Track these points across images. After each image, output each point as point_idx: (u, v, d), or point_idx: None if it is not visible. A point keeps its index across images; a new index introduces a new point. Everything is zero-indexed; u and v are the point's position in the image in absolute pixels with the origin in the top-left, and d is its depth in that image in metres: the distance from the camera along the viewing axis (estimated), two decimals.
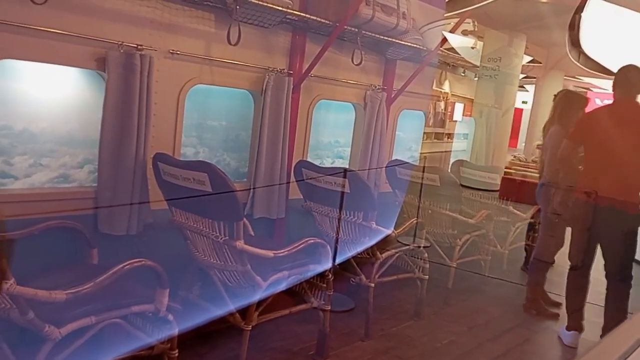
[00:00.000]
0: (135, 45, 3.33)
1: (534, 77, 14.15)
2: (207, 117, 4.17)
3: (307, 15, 4.09)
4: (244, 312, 3.17)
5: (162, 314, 2.70)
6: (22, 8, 2.86)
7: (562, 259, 4.75)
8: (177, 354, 2.75)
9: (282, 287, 3.35)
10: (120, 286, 2.63)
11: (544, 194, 4.78)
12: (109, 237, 3.34)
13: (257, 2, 3.62)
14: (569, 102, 4.79)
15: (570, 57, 10.56)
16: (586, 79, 15.91)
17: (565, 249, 4.59)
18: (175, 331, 2.74)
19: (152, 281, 2.67)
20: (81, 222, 3.14)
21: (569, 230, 4.71)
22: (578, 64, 11.41)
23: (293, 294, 3.57)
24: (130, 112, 3.30)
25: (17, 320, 2.26)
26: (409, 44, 4.95)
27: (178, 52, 3.62)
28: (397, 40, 4.81)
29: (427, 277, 4.45)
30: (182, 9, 3.61)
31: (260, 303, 3.20)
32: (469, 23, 6.68)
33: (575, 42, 10.36)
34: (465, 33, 7.34)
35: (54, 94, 3.29)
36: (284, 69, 4.30)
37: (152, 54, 3.39)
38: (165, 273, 2.66)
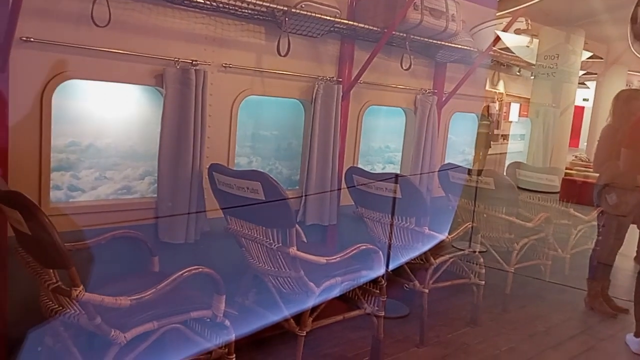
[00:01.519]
0: (191, 61, 3.46)
1: (595, 74, 13.57)
2: (260, 127, 4.27)
3: (355, 23, 4.12)
4: (298, 318, 3.22)
5: (220, 320, 2.78)
6: (86, 31, 3.04)
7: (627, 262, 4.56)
8: (234, 359, 2.83)
9: (335, 293, 3.38)
10: (179, 293, 2.74)
11: (599, 195, 4.61)
12: (168, 246, 3.48)
13: (305, 13, 3.69)
14: (624, 101, 4.59)
15: (633, 50, 10.06)
16: None
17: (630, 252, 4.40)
18: (232, 336, 2.81)
19: (210, 288, 2.76)
20: (143, 232, 3.30)
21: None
22: None
23: (346, 300, 3.59)
24: (186, 125, 3.44)
25: (86, 326, 2.40)
26: (459, 46, 4.88)
27: (230, 66, 3.73)
28: (446, 43, 4.76)
29: (484, 282, 4.36)
30: (233, 23, 3.73)
31: (314, 309, 3.24)
32: (522, 21, 6.50)
33: (638, 35, 9.86)
34: (518, 32, 7.15)
35: (117, 111, 3.48)
36: (333, 77, 4.35)
37: (206, 68, 3.52)
38: (222, 280, 2.74)
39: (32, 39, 2.87)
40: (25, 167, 2.97)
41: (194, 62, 3.47)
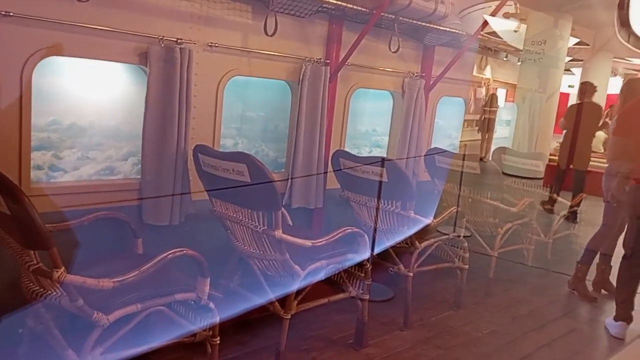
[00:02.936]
0: (175, 40, 3.39)
1: (581, 60, 13.64)
2: (246, 108, 4.22)
3: (343, 4, 4.06)
4: (284, 300, 3.22)
5: (204, 302, 2.77)
6: (68, 6, 2.95)
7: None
8: (218, 341, 2.83)
9: (321, 276, 3.38)
10: (163, 275, 2.72)
11: (605, 182, 4.65)
12: (152, 228, 3.44)
13: None
14: (632, 90, 4.62)
15: (620, 37, 10.11)
16: (636, 61, 15.22)
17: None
18: (216, 319, 2.81)
19: (194, 270, 2.74)
20: (126, 213, 3.26)
21: None
22: (628, 44, 10.91)
23: (332, 284, 3.59)
24: (171, 105, 3.38)
25: (68, 307, 2.37)
26: (448, 29, 4.85)
27: (216, 45, 3.66)
28: (435, 26, 4.72)
29: (467, 266, 4.40)
30: (219, 1, 3.65)
31: (299, 292, 3.24)
32: (511, 5, 6.48)
33: (624, 22, 9.91)
34: (507, 16, 7.13)
35: (100, 90, 3.40)
36: (320, 59, 4.30)
37: (191, 47, 3.45)
38: (207, 262, 2.72)
39: (11, 14, 2.78)
40: (5, 146, 2.90)
41: (178, 41, 3.39)
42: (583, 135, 6.65)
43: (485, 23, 5.84)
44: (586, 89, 6.61)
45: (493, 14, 6.03)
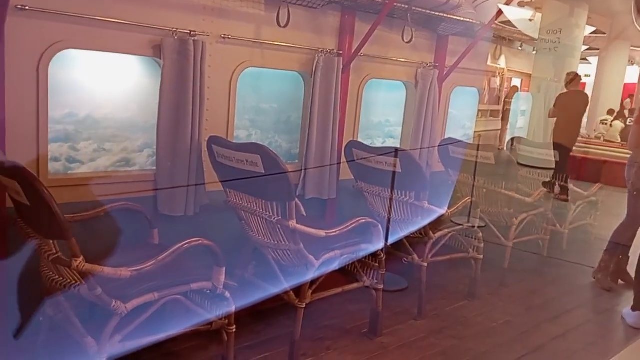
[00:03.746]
0: (189, 32, 3.41)
1: (597, 49, 13.44)
2: (259, 100, 4.23)
3: None
4: (298, 290, 3.24)
5: (220, 292, 2.80)
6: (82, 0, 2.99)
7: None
8: (234, 330, 2.86)
9: (335, 266, 3.40)
10: (179, 264, 2.75)
11: (627, 171, 4.60)
12: (168, 218, 3.48)
13: None
14: None
15: (637, 26, 9.94)
16: None
17: None
18: (232, 308, 2.84)
19: (210, 260, 2.77)
20: (142, 204, 3.30)
21: None
22: None
23: (346, 274, 3.61)
24: (185, 96, 3.40)
25: (87, 296, 2.41)
26: (462, 18, 4.81)
27: (230, 37, 3.68)
28: (449, 16, 4.68)
29: (482, 257, 4.39)
30: None
31: (313, 282, 3.26)
32: None
33: None
34: (522, 4, 7.06)
35: (115, 82, 3.44)
36: (333, 50, 4.29)
37: (204, 39, 3.47)
38: (222, 252, 2.75)
39: (27, 7, 2.82)
40: (23, 138, 2.94)
41: (192, 33, 3.41)
42: (571, 121, 6.79)
43: (500, 12, 5.77)
44: (572, 78, 6.82)
45: (507, 3, 5.98)
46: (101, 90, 3.37)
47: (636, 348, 1.55)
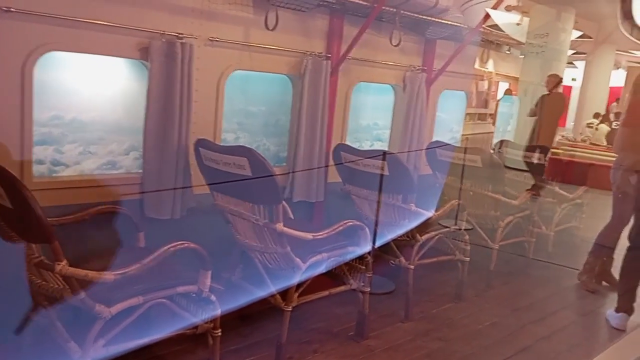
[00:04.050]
0: (177, 34, 3.40)
1: (584, 53, 13.57)
2: (247, 102, 4.23)
3: None
4: (285, 293, 3.24)
5: (205, 295, 2.79)
6: (68, 1, 2.97)
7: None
8: (220, 333, 2.85)
9: (322, 269, 3.40)
10: (165, 268, 2.74)
11: (613, 174, 4.65)
12: (154, 221, 3.47)
13: None
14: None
15: (623, 30, 10.07)
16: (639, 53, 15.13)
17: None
18: (218, 311, 2.83)
19: (196, 263, 2.76)
20: (128, 207, 3.28)
21: None
22: (631, 37, 10.85)
23: (333, 277, 3.61)
24: (172, 99, 3.39)
25: (70, 300, 2.39)
26: (449, 22, 4.85)
27: (217, 39, 3.67)
28: (436, 19, 4.72)
29: (468, 259, 4.41)
30: None
31: (300, 285, 3.26)
32: None
33: (627, 15, 9.87)
34: (509, 9, 7.12)
35: (102, 85, 3.41)
36: (322, 53, 4.30)
37: (192, 41, 3.46)
38: (209, 255, 2.75)
39: (12, 9, 2.80)
40: (7, 140, 2.92)
41: (179, 36, 3.40)
42: (550, 120, 7.00)
43: (487, 16, 5.82)
44: (553, 80, 7.10)
45: (495, 7, 6.02)
46: (88, 93, 3.35)
47: (617, 348, 1.57)
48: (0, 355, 2.75)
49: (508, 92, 9.47)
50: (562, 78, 7.38)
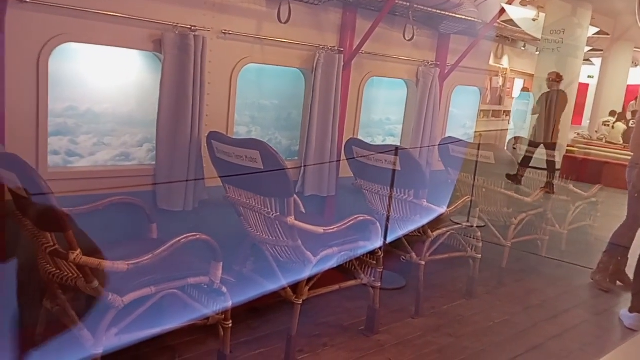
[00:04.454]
0: (190, 27, 3.41)
1: (601, 50, 13.39)
2: (260, 96, 4.23)
3: None
4: (295, 286, 3.24)
5: (217, 286, 2.80)
6: None
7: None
8: (230, 325, 2.86)
9: (333, 263, 3.40)
10: (177, 259, 2.76)
11: (628, 172, 4.59)
12: (167, 213, 3.49)
13: None
14: None
15: None
16: None
17: None
18: (229, 303, 2.84)
19: (207, 255, 2.78)
20: (141, 199, 3.30)
21: None
22: None
23: (344, 271, 3.61)
24: (185, 92, 3.41)
25: (84, 289, 2.42)
26: (463, 17, 4.80)
27: (230, 32, 3.68)
28: (450, 14, 4.68)
29: (480, 256, 4.38)
30: None
31: (311, 278, 3.26)
32: None
33: None
34: (524, 3, 7.03)
35: (115, 76, 3.44)
36: (334, 47, 4.29)
37: (205, 34, 3.47)
38: (220, 248, 2.76)
39: (27, 0, 2.82)
40: (23, 131, 2.95)
41: (192, 28, 3.41)
42: (552, 118, 6.95)
43: (502, 11, 5.76)
44: (555, 78, 7.08)
45: (510, 2, 5.96)
46: (102, 85, 3.38)
47: (628, 348, 1.55)
48: (15, 342, 2.79)
49: (525, 89, 9.39)
50: (562, 76, 7.37)
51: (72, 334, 2.52)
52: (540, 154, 6.54)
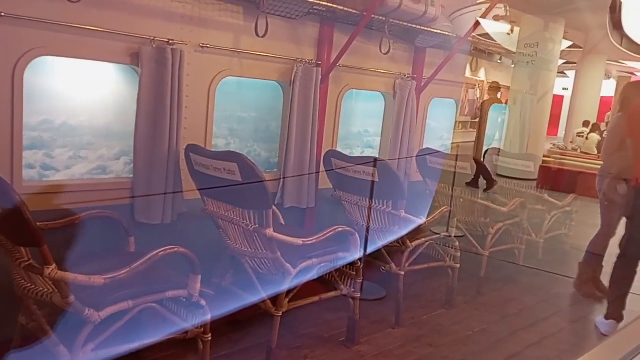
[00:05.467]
0: (167, 40, 3.42)
1: (575, 63, 13.73)
2: (238, 109, 4.25)
3: (334, 6, 4.10)
4: (275, 299, 3.24)
5: (195, 300, 2.79)
6: (59, 6, 2.98)
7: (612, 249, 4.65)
8: (210, 338, 2.84)
9: (312, 275, 3.41)
10: (155, 272, 2.74)
11: (599, 182, 4.69)
12: (145, 226, 3.47)
13: None
14: (632, 92, 4.67)
15: (612, 40, 10.20)
16: (630, 63, 15.33)
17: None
18: (208, 316, 2.82)
19: (186, 268, 2.76)
20: (119, 212, 3.28)
21: None
22: (621, 47, 11.01)
23: (324, 282, 3.62)
24: (163, 105, 3.41)
25: (59, 304, 2.39)
26: (439, 31, 4.90)
27: (208, 46, 3.70)
28: (426, 28, 4.77)
29: (459, 265, 4.43)
30: (211, 2, 3.69)
31: (290, 290, 3.26)
32: (501, 8, 6.54)
33: (617, 25, 10.01)
34: (497, 18, 7.21)
35: (92, 90, 3.43)
36: (312, 60, 4.34)
37: (183, 48, 3.48)
38: (199, 260, 2.74)
39: (2, 14, 2.81)
40: None
41: (170, 42, 3.43)
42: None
43: (476, 25, 5.91)
44: (494, 87, 7.51)
45: (483, 17, 6.10)
46: (78, 98, 3.36)
47: (600, 351, 1.59)
48: None
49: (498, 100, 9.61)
50: (500, 86, 7.83)
51: (48, 350, 2.48)
52: (516, 164, 6.66)
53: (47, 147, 3.27)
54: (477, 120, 7.65)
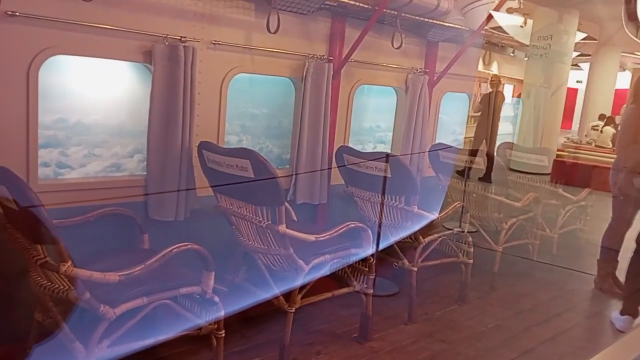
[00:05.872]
0: (179, 38, 3.43)
1: (589, 55, 13.54)
2: (250, 105, 4.25)
3: (345, 1, 4.08)
4: (288, 295, 3.25)
5: (209, 296, 2.81)
6: (73, 5, 3.00)
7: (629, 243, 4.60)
8: (223, 335, 2.86)
9: (325, 271, 3.41)
10: (169, 269, 2.76)
11: (612, 175, 4.63)
12: (159, 223, 3.49)
13: None
14: None
15: (627, 31, 10.04)
16: None
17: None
18: (221, 313, 2.84)
19: (199, 264, 2.78)
20: (133, 209, 3.30)
21: None
22: (636, 38, 10.84)
23: (336, 278, 3.62)
24: (175, 102, 3.42)
25: (75, 301, 2.41)
26: (451, 25, 4.86)
27: (220, 43, 3.70)
28: (438, 22, 4.73)
29: (472, 261, 4.41)
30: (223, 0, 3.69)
31: (303, 286, 3.27)
32: (514, 0, 6.46)
33: (632, 16, 9.85)
34: (510, 11, 7.13)
35: (105, 88, 3.45)
36: (323, 55, 4.33)
37: (195, 45, 3.49)
38: (212, 257, 2.76)
39: (17, 13, 2.83)
40: (13, 143, 2.95)
41: (182, 39, 3.43)
42: (493, 116, 7.42)
43: (489, 18, 5.83)
44: (495, 81, 7.57)
45: (496, 9, 6.03)
46: (92, 96, 3.38)
47: (616, 348, 1.58)
48: (6, 355, 2.77)
49: (518, 95, 9.56)
50: (500, 78, 7.91)
51: (64, 346, 2.51)
52: (529, 158, 6.60)
53: (62, 146, 3.30)
54: (479, 114, 7.68)
